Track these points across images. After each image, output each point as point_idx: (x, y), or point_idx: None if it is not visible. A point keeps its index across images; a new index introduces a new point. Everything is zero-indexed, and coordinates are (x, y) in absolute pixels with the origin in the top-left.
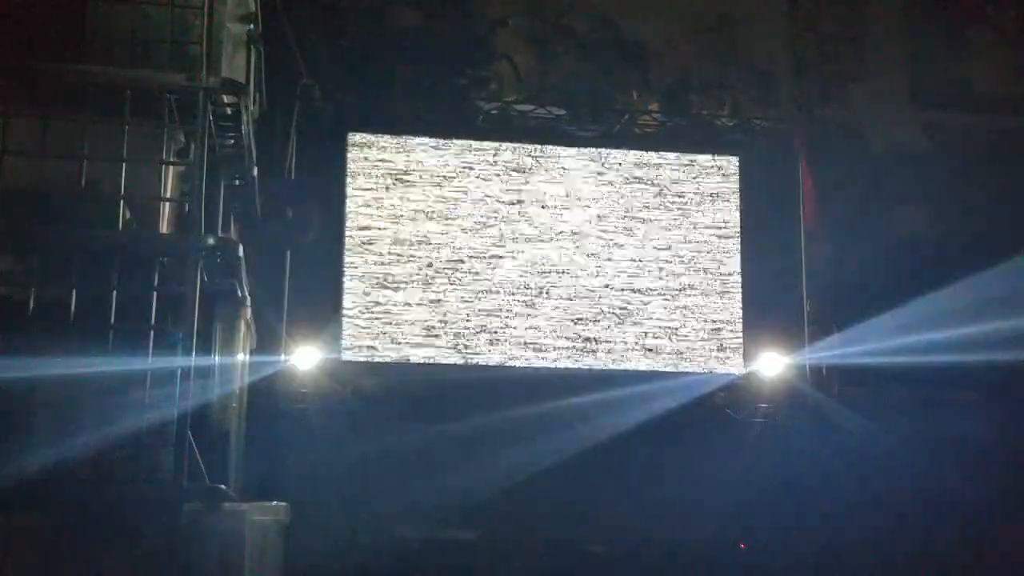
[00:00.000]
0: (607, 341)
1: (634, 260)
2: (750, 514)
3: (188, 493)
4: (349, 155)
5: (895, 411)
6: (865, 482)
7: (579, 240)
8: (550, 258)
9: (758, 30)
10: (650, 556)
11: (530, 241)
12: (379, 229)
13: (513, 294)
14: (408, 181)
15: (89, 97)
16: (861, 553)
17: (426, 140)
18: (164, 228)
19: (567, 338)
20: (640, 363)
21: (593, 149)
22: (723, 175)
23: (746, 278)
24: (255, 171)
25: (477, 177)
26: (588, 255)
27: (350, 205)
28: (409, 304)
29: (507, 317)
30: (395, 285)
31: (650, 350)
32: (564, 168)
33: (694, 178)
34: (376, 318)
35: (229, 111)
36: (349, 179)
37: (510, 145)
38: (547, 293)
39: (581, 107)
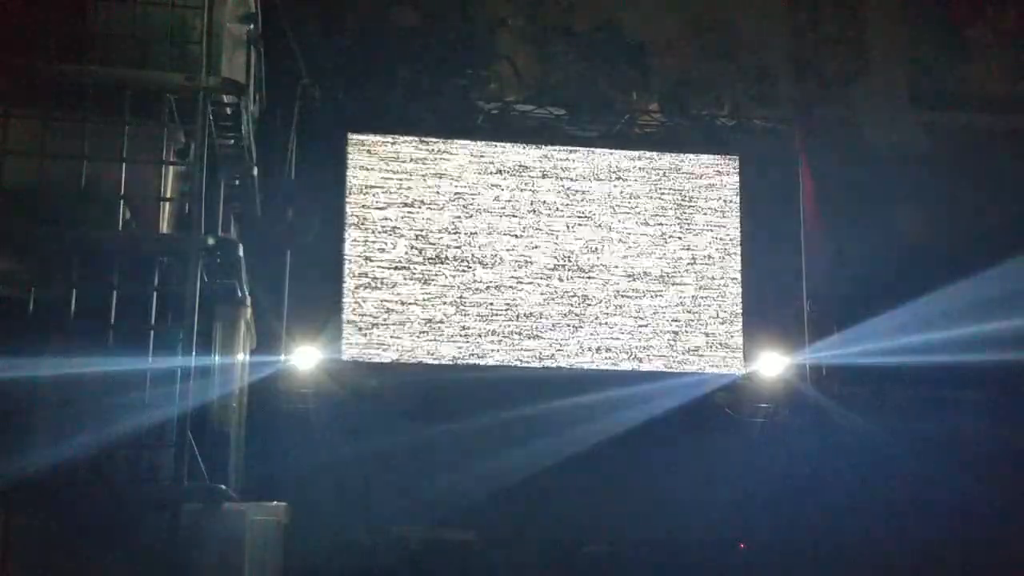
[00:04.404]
0: (607, 341)
1: (634, 260)
2: (750, 514)
3: (188, 493)
4: (349, 155)
5: (895, 411)
6: (865, 482)
7: (579, 239)
8: (550, 258)
9: (758, 30)
10: (650, 556)
11: (530, 240)
12: (379, 228)
13: (513, 293)
14: (408, 180)
15: (89, 97)
16: (861, 553)
17: (426, 140)
18: (164, 228)
19: (567, 338)
20: (640, 363)
21: (593, 149)
22: (723, 175)
23: (746, 278)
24: (255, 171)
25: (475, 176)
26: (587, 254)
27: (350, 205)
28: (408, 302)
29: (508, 316)
30: (395, 283)
31: (650, 350)
32: (564, 167)
33: (694, 178)
34: (376, 317)
35: (229, 111)
36: (349, 179)
37: (508, 144)
38: (547, 293)
39: (581, 107)
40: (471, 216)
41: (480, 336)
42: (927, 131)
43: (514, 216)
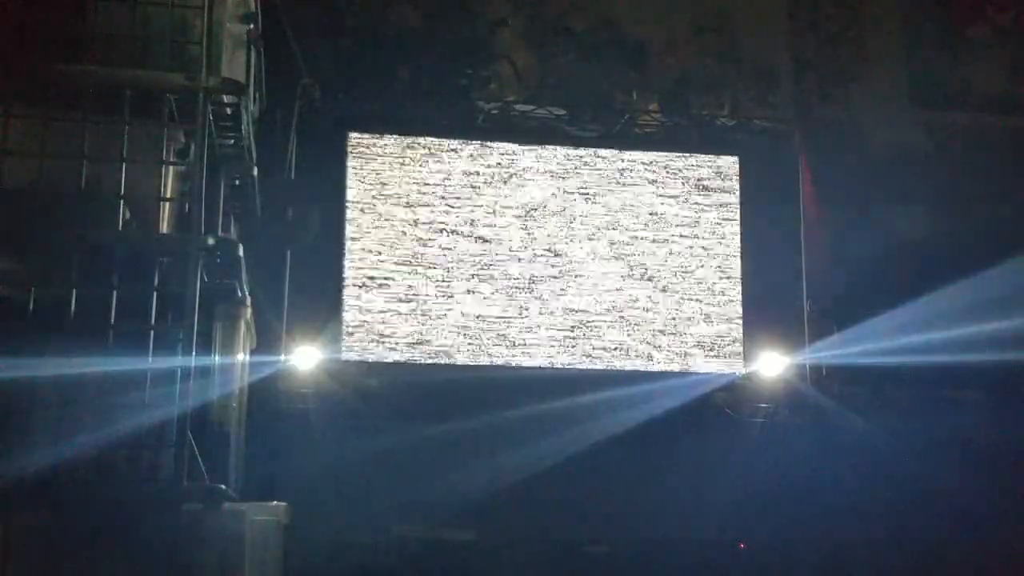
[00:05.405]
0: (607, 340)
1: (634, 259)
2: (750, 514)
3: (188, 493)
4: (349, 155)
5: (895, 411)
6: (865, 482)
7: (579, 239)
8: (550, 257)
9: (758, 30)
10: (650, 556)
11: (530, 239)
12: (379, 227)
13: (514, 292)
14: (408, 180)
15: (89, 97)
16: (861, 553)
17: (426, 140)
18: (164, 228)
19: (567, 337)
20: (640, 363)
21: (593, 149)
22: (723, 175)
23: (746, 278)
24: (255, 171)
25: (475, 175)
26: (586, 254)
27: (350, 204)
28: (408, 302)
29: (508, 316)
30: (395, 282)
31: (650, 350)
32: (563, 166)
33: (693, 178)
34: (377, 317)
35: (229, 111)
36: (349, 179)
37: (507, 144)
38: (547, 292)
39: (581, 107)
40: (471, 215)
41: (480, 336)
42: (927, 131)
43: (513, 215)
